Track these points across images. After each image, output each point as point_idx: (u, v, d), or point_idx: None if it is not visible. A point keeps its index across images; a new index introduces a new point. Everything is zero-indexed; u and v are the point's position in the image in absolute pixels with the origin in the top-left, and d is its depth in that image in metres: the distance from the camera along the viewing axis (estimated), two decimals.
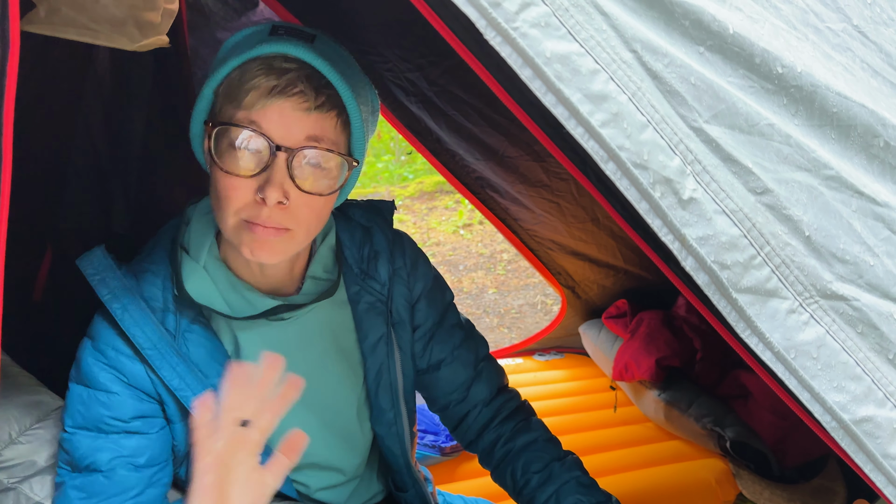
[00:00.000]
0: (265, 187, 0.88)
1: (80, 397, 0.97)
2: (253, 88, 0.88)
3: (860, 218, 0.83)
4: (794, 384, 0.79)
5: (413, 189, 6.43)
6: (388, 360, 1.12)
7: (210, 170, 0.95)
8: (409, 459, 1.19)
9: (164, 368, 0.97)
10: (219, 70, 0.92)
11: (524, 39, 0.68)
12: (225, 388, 0.83)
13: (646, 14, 0.74)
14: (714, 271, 0.76)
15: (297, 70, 0.90)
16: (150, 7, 1.10)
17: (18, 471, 1.01)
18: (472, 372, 1.21)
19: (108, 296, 0.96)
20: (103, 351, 0.97)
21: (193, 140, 1.00)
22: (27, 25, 1.01)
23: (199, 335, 1.00)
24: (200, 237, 1.03)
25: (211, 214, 1.05)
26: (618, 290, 2.65)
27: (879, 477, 0.82)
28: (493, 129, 1.99)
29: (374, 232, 1.13)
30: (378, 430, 1.15)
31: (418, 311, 1.17)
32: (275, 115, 0.88)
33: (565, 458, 1.17)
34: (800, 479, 1.90)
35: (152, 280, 1.00)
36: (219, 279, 1.01)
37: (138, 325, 0.96)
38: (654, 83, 0.73)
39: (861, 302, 0.81)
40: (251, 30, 0.96)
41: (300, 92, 0.89)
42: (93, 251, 1.00)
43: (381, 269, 1.12)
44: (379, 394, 1.13)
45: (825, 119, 0.82)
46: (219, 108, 0.93)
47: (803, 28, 0.90)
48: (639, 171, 0.72)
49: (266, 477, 0.82)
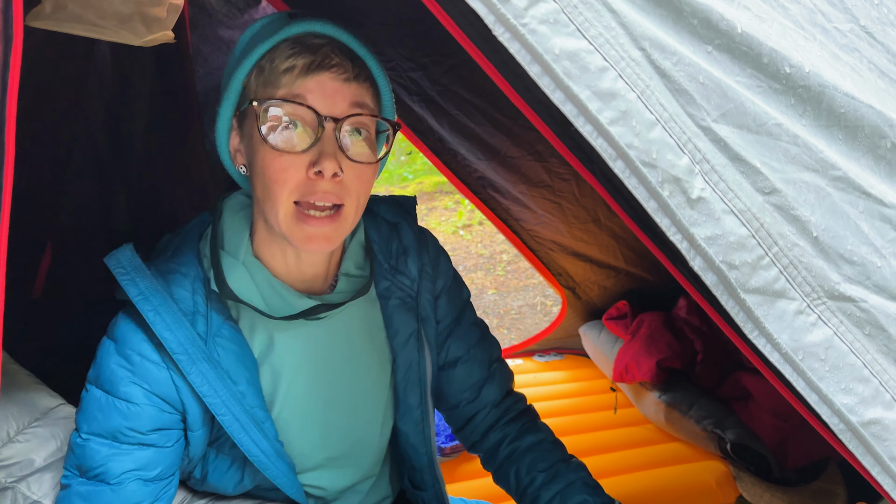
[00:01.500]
0: (320, 160, 0.88)
1: (97, 402, 0.93)
2: (290, 67, 0.89)
3: (867, 219, 0.83)
4: (802, 386, 0.79)
5: (412, 189, 6.43)
6: (419, 356, 1.11)
7: (253, 159, 0.93)
8: (433, 457, 1.18)
9: (194, 374, 0.93)
10: (246, 60, 0.92)
11: (533, 36, 0.67)
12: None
13: (654, 12, 0.74)
14: (722, 271, 0.75)
15: (329, 44, 0.91)
16: (157, 3, 1.09)
17: (16, 469, 1.00)
18: (486, 372, 1.20)
19: (139, 297, 0.92)
20: (128, 357, 0.93)
21: (219, 137, 0.97)
22: (33, 21, 1.00)
23: (228, 339, 0.97)
24: (237, 233, 1.01)
25: (245, 210, 1.04)
26: (618, 292, 2.65)
27: (887, 480, 0.81)
28: (496, 128, 1.99)
29: (402, 228, 1.12)
30: (403, 427, 1.14)
31: (439, 308, 1.16)
32: (317, 87, 0.89)
33: (570, 460, 1.17)
34: (800, 482, 1.90)
35: (181, 281, 0.96)
36: (257, 277, 0.99)
37: (170, 329, 0.92)
38: (662, 81, 0.73)
39: (869, 303, 0.81)
40: (266, 19, 0.96)
41: (337, 64, 0.90)
42: (121, 249, 0.97)
43: (410, 265, 1.11)
44: (408, 391, 1.12)
45: (833, 119, 0.82)
46: (254, 93, 0.92)
47: (811, 28, 0.89)
48: (647, 170, 0.72)
49: None
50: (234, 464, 1.04)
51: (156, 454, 0.95)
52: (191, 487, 1.10)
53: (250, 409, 0.98)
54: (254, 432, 0.98)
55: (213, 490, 1.08)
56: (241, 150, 0.97)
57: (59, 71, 1.47)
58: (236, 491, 1.08)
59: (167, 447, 0.96)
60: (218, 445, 1.03)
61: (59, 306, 1.56)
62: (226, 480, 1.05)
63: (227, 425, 0.96)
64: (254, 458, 0.99)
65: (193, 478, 1.07)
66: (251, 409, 0.98)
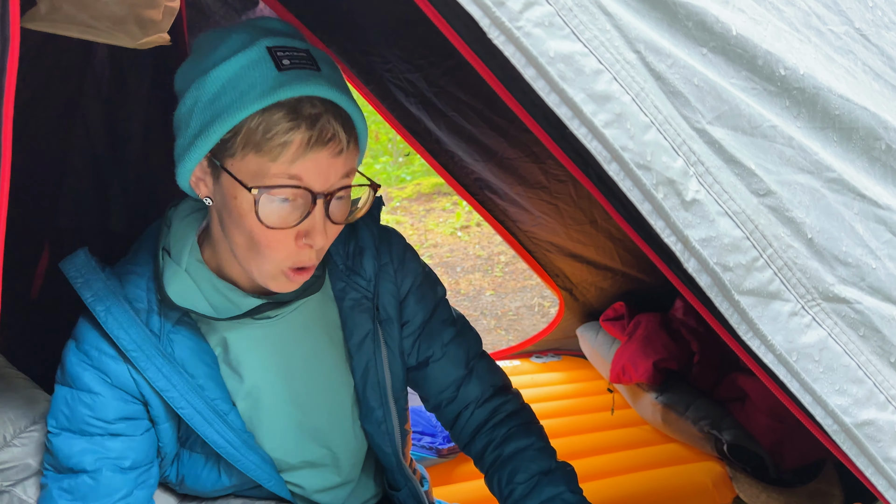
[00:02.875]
0: (311, 235, 0.91)
1: (64, 398, 0.97)
2: (288, 142, 0.86)
3: (862, 221, 0.83)
4: (796, 387, 0.79)
5: (410, 191, 6.43)
6: (375, 357, 1.11)
7: (233, 213, 0.91)
8: (401, 458, 1.18)
9: (150, 370, 0.97)
10: (233, 111, 0.86)
11: (528, 39, 0.68)
12: None
13: (649, 15, 0.74)
14: (717, 273, 0.76)
15: (325, 113, 0.88)
16: (152, 5, 1.09)
17: (12, 473, 1.00)
18: (463, 370, 1.19)
19: (92, 298, 0.96)
20: (87, 352, 0.97)
21: (181, 156, 0.93)
22: (28, 22, 1.00)
23: (184, 336, 1.00)
24: (181, 240, 1.03)
25: (192, 216, 1.05)
26: (615, 293, 2.64)
27: (881, 481, 0.82)
28: (493, 130, 1.99)
29: (360, 228, 1.12)
30: (367, 428, 1.14)
31: (407, 308, 1.16)
32: (313, 167, 0.88)
33: (554, 470, 1.13)
34: (797, 483, 1.90)
35: (136, 281, 1.00)
36: (201, 281, 1.01)
37: (122, 328, 0.96)
38: (657, 84, 0.73)
39: (863, 305, 0.81)
40: (244, 58, 0.88)
41: (332, 137, 0.89)
42: (76, 253, 1.00)
43: (366, 265, 1.11)
44: (367, 391, 1.12)
45: (827, 121, 0.82)
46: (237, 154, 0.89)
47: (806, 30, 0.90)
48: (642, 172, 0.72)
49: None
50: (209, 461, 1.06)
51: (126, 443, 0.99)
52: (177, 492, 1.10)
53: (211, 402, 1.01)
54: (217, 424, 1.00)
55: (194, 492, 1.09)
56: (209, 185, 0.94)
57: (57, 72, 1.47)
58: (216, 491, 1.09)
59: (136, 436, 1.00)
60: (190, 444, 1.05)
61: (56, 308, 1.56)
62: (203, 480, 1.07)
63: (188, 418, 0.99)
64: (221, 450, 1.01)
65: (171, 481, 1.08)
66: (212, 401, 1.01)
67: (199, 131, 0.89)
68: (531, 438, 1.16)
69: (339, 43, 1.85)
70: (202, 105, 0.89)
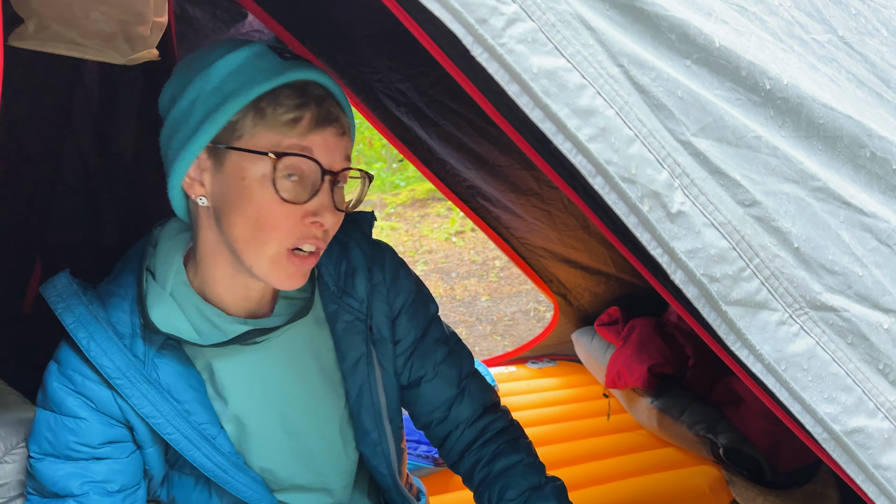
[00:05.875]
0: (321, 212, 0.92)
1: (47, 423, 0.96)
2: (299, 117, 0.90)
3: (848, 229, 0.83)
4: (785, 396, 0.79)
5: (405, 196, 6.43)
6: (370, 380, 1.10)
7: (238, 200, 0.91)
8: (397, 478, 1.17)
9: (135, 396, 0.95)
10: (238, 96, 0.89)
11: (511, 55, 0.68)
12: None
13: (632, 28, 0.74)
14: (703, 284, 0.76)
15: (328, 97, 0.94)
16: (140, 21, 1.09)
17: (4, 491, 1.00)
18: (455, 390, 1.18)
19: (74, 324, 0.94)
20: (70, 377, 0.95)
21: (173, 159, 0.95)
22: (15, 41, 1.00)
23: (169, 360, 0.98)
24: (166, 262, 1.01)
25: (178, 237, 1.04)
26: (609, 298, 2.65)
27: (871, 488, 0.82)
28: (484, 138, 1.99)
29: (351, 247, 1.11)
30: (363, 450, 1.13)
31: (399, 326, 1.15)
32: (321, 140, 0.92)
33: (544, 486, 1.13)
34: (793, 485, 1.90)
35: (120, 304, 0.97)
36: (186, 305, 0.99)
37: (106, 354, 0.94)
38: (641, 97, 0.73)
39: (850, 313, 0.82)
40: (247, 51, 0.93)
41: (336, 118, 0.94)
42: (57, 276, 0.98)
43: (358, 286, 1.10)
44: (362, 414, 1.11)
45: (812, 130, 0.83)
46: (248, 134, 0.91)
47: (789, 40, 0.90)
48: (627, 186, 0.72)
49: None
50: (199, 483, 1.05)
51: (112, 466, 0.97)
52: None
53: (199, 427, 0.99)
54: (206, 448, 0.99)
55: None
56: (204, 182, 0.95)
57: (47, 87, 1.47)
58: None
59: (122, 458, 0.98)
60: (179, 466, 1.04)
61: (48, 323, 1.56)
62: (193, 501, 1.06)
63: (175, 443, 0.97)
64: (210, 473, 1.00)
65: (163, 502, 1.07)
66: (200, 426, 0.99)
67: (204, 117, 0.91)
68: (520, 455, 1.16)
69: (329, 54, 1.85)
70: (207, 93, 0.92)
